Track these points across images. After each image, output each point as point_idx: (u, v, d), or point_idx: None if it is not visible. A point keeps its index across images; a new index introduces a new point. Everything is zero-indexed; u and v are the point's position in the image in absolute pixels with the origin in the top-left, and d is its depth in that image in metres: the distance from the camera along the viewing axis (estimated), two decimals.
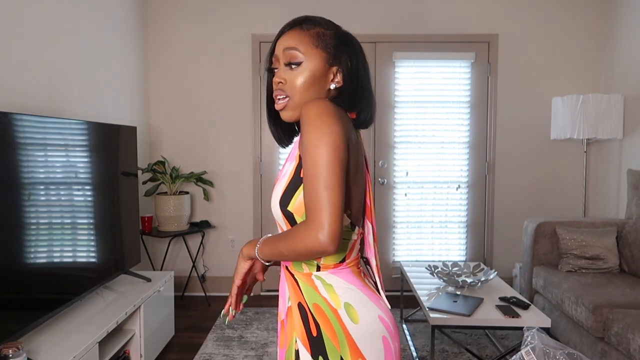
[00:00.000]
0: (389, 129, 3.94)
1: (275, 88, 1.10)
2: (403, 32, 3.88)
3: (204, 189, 3.87)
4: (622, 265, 3.03)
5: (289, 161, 1.09)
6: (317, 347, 1.03)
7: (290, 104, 1.08)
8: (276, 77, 1.09)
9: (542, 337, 1.55)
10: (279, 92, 1.09)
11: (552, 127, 3.69)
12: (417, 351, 2.89)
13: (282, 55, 1.09)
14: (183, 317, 3.47)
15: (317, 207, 0.95)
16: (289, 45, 1.08)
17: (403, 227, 4.02)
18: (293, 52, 1.07)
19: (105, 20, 3.19)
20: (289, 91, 1.08)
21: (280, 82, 1.08)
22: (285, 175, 1.07)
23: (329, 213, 0.95)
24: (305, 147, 0.98)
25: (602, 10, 3.87)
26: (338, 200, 0.96)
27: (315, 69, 1.07)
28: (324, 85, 1.09)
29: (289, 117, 1.10)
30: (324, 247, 0.95)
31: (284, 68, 1.09)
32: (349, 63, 1.09)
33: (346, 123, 1.03)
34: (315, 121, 0.98)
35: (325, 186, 0.95)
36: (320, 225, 0.94)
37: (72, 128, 2.27)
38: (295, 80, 1.07)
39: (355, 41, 1.15)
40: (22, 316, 1.91)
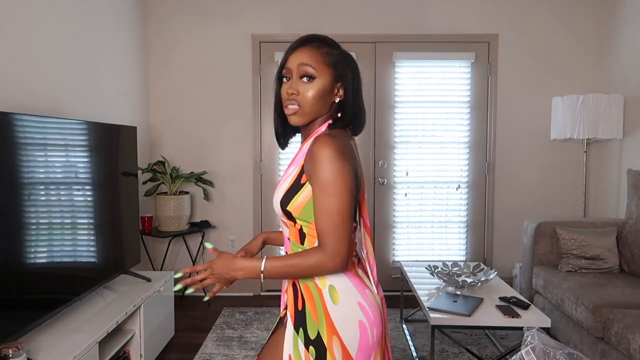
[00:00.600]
0: (389, 129, 3.94)
1: (287, 97, 1.24)
2: (403, 32, 3.88)
3: (204, 189, 3.87)
4: (622, 265, 3.03)
5: (293, 165, 1.25)
6: (299, 319, 1.22)
7: (300, 112, 1.24)
8: (290, 88, 1.24)
9: (542, 337, 1.55)
10: (292, 101, 1.24)
11: (552, 127, 3.69)
12: (417, 351, 2.89)
13: (297, 69, 1.24)
14: (183, 317, 3.47)
15: (334, 237, 1.14)
16: (304, 61, 1.23)
17: (403, 227, 4.02)
18: (307, 67, 1.22)
19: (105, 21, 3.19)
20: (301, 101, 1.23)
21: (293, 93, 1.23)
22: (288, 178, 1.24)
23: (345, 242, 1.14)
24: (321, 182, 1.15)
25: (602, 10, 3.87)
26: (349, 229, 1.16)
27: (325, 84, 1.23)
28: (329, 99, 1.26)
29: (296, 122, 1.25)
30: (340, 269, 1.16)
31: (298, 81, 1.24)
32: (351, 80, 1.26)
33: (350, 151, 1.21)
34: (330, 163, 1.14)
35: (343, 220, 1.14)
36: (338, 253, 1.14)
37: (72, 128, 2.27)
38: (307, 93, 1.22)
39: (355, 61, 1.30)
40: (22, 316, 1.91)
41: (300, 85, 1.23)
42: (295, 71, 1.24)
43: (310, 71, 1.22)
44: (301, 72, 1.23)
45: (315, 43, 1.25)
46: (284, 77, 1.27)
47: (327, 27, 3.87)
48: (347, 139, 1.25)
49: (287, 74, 1.26)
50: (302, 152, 1.25)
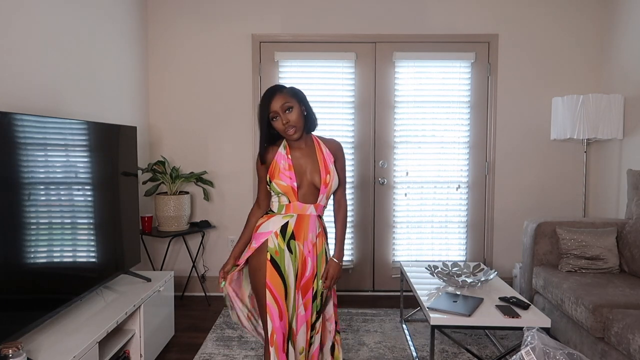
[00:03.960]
0: (389, 129, 3.94)
1: (285, 126, 1.94)
2: (403, 32, 3.88)
3: (204, 189, 3.87)
4: (622, 266, 3.03)
5: (330, 163, 2.04)
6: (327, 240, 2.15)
7: (297, 130, 1.97)
8: (284, 120, 1.94)
9: (542, 337, 1.55)
10: (290, 127, 1.94)
11: (552, 127, 3.69)
12: (417, 351, 2.89)
13: (281, 108, 1.94)
14: (183, 317, 3.47)
15: (345, 196, 2.17)
16: (282, 102, 1.94)
17: (403, 227, 4.02)
18: (287, 104, 1.94)
19: (105, 21, 3.19)
20: (293, 124, 1.95)
21: (287, 121, 1.94)
22: (334, 171, 2.04)
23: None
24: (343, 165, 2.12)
25: (602, 10, 3.87)
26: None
27: (298, 109, 1.97)
28: (302, 115, 1.99)
29: (296, 137, 1.98)
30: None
31: (284, 114, 1.94)
32: (305, 101, 2.02)
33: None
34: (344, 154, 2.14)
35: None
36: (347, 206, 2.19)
37: (72, 128, 2.27)
38: (294, 117, 1.95)
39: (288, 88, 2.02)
40: (22, 316, 1.91)
41: (287, 115, 1.94)
42: (280, 109, 1.93)
43: (289, 104, 1.94)
44: (285, 107, 1.94)
45: (280, 90, 1.96)
46: (272, 118, 1.95)
47: (327, 27, 3.87)
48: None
49: (275, 115, 1.95)
50: (325, 152, 2.05)
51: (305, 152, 2.03)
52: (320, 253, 2.05)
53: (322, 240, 2.07)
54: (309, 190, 2.01)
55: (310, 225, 2.01)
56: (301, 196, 2.00)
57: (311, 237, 2.02)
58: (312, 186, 2.01)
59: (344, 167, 2.10)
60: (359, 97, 3.92)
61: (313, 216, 2.02)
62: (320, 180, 2.00)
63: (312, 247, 2.02)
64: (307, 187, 2.01)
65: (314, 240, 2.03)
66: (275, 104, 1.93)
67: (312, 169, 2.01)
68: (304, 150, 2.04)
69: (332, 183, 2.01)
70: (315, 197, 2.01)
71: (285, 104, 1.93)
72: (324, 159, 2.03)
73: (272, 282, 1.96)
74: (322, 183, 1.99)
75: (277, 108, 1.93)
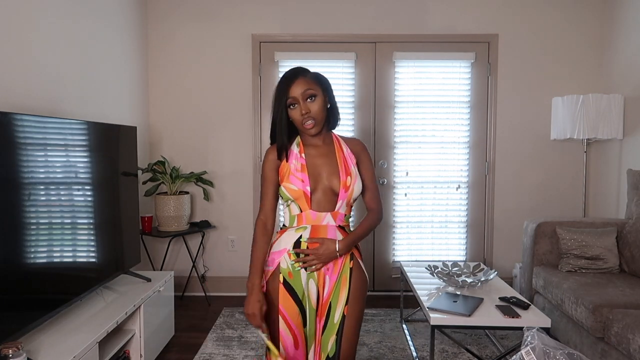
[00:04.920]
0: (389, 129, 3.94)
1: (303, 117, 1.66)
2: (403, 32, 3.88)
3: (204, 189, 3.87)
4: (622, 265, 3.03)
5: (351, 164, 1.74)
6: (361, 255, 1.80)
7: (316, 124, 1.68)
8: (302, 110, 1.66)
9: (542, 337, 1.55)
10: (308, 118, 1.67)
11: (552, 127, 3.69)
12: (417, 351, 2.89)
13: (302, 95, 1.66)
14: (183, 317, 3.47)
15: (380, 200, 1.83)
16: (305, 87, 1.66)
17: (403, 227, 4.02)
18: (309, 90, 1.66)
19: (105, 21, 3.19)
20: (313, 116, 1.67)
21: (306, 112, 1.66)
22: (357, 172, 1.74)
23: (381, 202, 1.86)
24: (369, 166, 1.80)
25: (602, 10, 3.87)
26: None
27: (322, 99, 1.69)
28: (325, 107, 1.72)
29: (315, 132, 1.70)
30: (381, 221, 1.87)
31: (304, 103, 1.66)
32: (330, 92, 1.75)
33: None
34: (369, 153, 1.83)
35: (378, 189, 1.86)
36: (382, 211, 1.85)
37: (72, 128, 2.27)
38: (315, 109, 1.67)
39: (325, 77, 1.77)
40: (22, 316, 1.91)
41: (308, 105, 1.66)
42: (300, 97, 1.65)
43: (312, 92, 1.66)
44: (306, 95, 1.66)
45: (304, 73, 1.69)
46: (290, 105, 1.67)
47: (327, 27, 3.87)
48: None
49: (293, 102, 1.67)
50: (346, 151, 1.76)
51: (322, 151, 1.74)
52: (343, 272, 1.70)
53: (346, 256, 1.72)
54: (325, 195, 1.70)
55: (329, 237, 1.69)
56: (315, 203, 1.69)
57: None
58: (330, 191, 1.70)
59: (370, 168, 1.79)
60: (359, 97, 3.92)
61: (332, 227, 1.69)
62: (339, 183, 1.69)
63: (333, 265, 1.70)
64: (323, 192, 1.70)
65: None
66: (295, 89, 1.65)
67: (329, 170, 1.71)
68: (321, 148, 1.74)
69: (354, 187, 1.70)
70: (332, 204, 1.70)
71: (308, 91, 1.65)
72: (344, 158, 1.73)
73: (286, 307, 1.68)
74: (341, 186, 1.68)
75: (298, 94, 1.65)
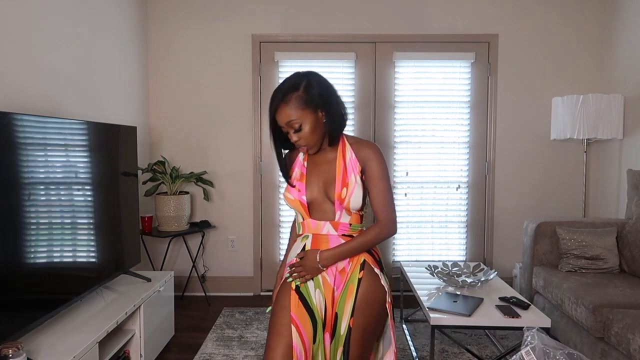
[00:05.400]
0: (389, 129, 3.94)
1: (297, 145, 1.61)
2: (403, 32, 3.88)
3: (204, 189, 3.87)
4: (622, 265, 3.03)
5: (352, 173, 1.62)
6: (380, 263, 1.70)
7: (311, 147, 1.62)
8: (293, 138, 1.59)
9: (542, 337, 1.55)
10: (300, 145, 1.61)
11: (552, 127, 3.69)
12: (417, 351, 2.89)
13: (287, 126, 1.57)
14: (183, 317, 3.47)
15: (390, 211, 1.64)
16: (286, 119, 1.55)
17: (403, 227, 4.02)
18: (292, 122, 1.55)
19: (105, 21, 3.19)
20: (305, 142, 1.59)
21: (297, 140, 1.59)
22: (356, 184, 1.61)
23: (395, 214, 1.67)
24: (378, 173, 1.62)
25: (602, 10, 3.87)
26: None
27: (312, 122, 1.57)
28: (321, 124, 1.60)
29: (314, 152, 1.65)
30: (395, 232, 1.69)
31: (292, 133, 1.58)
32: (326, 98, 1.57)
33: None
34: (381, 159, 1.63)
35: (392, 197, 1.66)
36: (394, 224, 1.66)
37: (72, 128, 2.27)
38: (304, 136, 1.58)
39: (314, 76, 1.60)
40: (22, 316, 1.91)
41: (297, 134, 1.57)
42: (286, 127, 1.57)
43: (295, 124, 1.55)
44: (290, 127, 1.57)
45: (285, 98, 1.54)
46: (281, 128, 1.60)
47: (327, 27, 3.87)
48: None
49: (283, 128, 1.59)
50: (349, 159, 1.64)
51: (325, 159, 1.67)
52: (350, 281, 1.61)
53: (354, 266, 1.64)
54: (325, 204, 1.64)
55: (331, 247, 1.63)
56: (314, 212, 1.66)
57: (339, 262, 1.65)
58: (329, 200, 1.64)
59: (377, 176, 1.62)
60: (359, 97, 3.92)
61: (333, 236, 1.64)
62: (334, 194, 1.62)
63: (340, 275, 1.63)
64: (322, 202, 1.65)
65: (340, 266, 1.64)
66: (280, 117, 1.56)
67: (328, 179, 1.64)
68: (325, 155, 1.67)
69: (351, 198, 1.60)
70: (332, 213, 1.64)
71: (292, 123, 1.55)
72: (344, 167, 1.63)
73: (298, 315, 1.57)
74: (336, 197, 1.62)
75: (283, 124, 1.57)
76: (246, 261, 4.02)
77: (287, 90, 1.55)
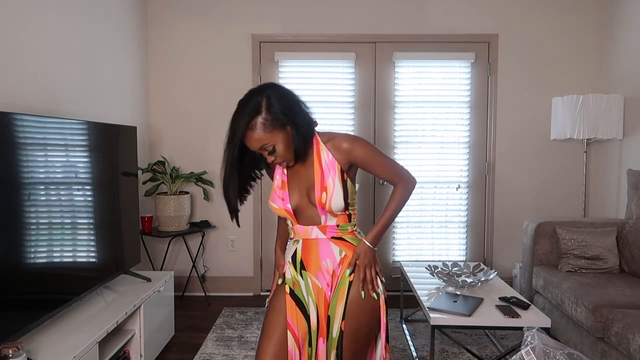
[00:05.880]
0: (389, 129, 3.94)
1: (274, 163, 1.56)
2: (403, 32, 3.88)
3: (204, 189, 3.87)
4: (622, 265, 3.03)
5: (330, 175, 1.57)
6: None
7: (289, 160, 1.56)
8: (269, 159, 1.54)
9: (542, 337, 1.55)
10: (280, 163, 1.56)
11: (552, 127, 3.69)
12: (417, 351, 2.89)
13: (260, 150, 1.51)
14: (183, 317, 3.47)
15: (402, 170, 1.65)
16: (258, 145, 1.49)
17: (403, 227, 4.02)
18: (265, 146, 1.50)
19: (105, 21, 3.19)
20: (282, 159, 1.54)
21: (273, 159, 1.54)
22: (336, 186, 1.57)
23: (405, 169, 1.66)
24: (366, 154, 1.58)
25: (602, 10, 3.87)
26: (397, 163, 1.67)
27: (283, 140, 1.51)
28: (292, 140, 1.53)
29: (293, 163, 1.59)
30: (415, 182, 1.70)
31: (268, 155, 1.53)
32: (288, 110, 1.50)
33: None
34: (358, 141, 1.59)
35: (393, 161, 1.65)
36: (410, 175, 1.67)
37: (72, 128, 2.27)
38: (280, 154, 1.52)
39: (272, 91, 1.51)
40: (22, 316, 1.91)
41: (272, 155, 1.53)
42: (259, 150, 1.52)
43: (269, 147, 1.50)
44: (264, 151, 1.52)
45: (250, 125, 1.47)
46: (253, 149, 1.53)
47: (327, 27, 3.87)
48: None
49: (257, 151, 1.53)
50: (325, 160, 1.59)
51: (303, 163, 1.62)
52: (341, 284, 1.59)
53: (344, 269, 1.62)
54: (310, 210, 1.62)
55: (321, 251, 1.62)
56: (301, 217, 1.64)
57: (326, 265, 1.62)
58: (312, 205, 1.62)
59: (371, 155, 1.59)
60: (359, 97, 3.92)
61: (322, 240, 1.62)
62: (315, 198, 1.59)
63: (331, 279, 1.62)
64: (307, 207, 1.62)
65: (330, 269, 1.62)
66: (250, 143, 1.50)
67: (308, 184, 1.61)
68: (304, 159, 1.62)
69: (331, 203, 1.56)
70: (318, 217, 1.62)
71: (265, 146, 1.50)
72: (321, 171, 1.58)
73: (293, 318, 1.57)
74: (317, 202, 1.58)
75: (255, 149, 1.51)
76: (246, 261, 4.02)
77: (249, 117, 1.47)
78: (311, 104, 1.67)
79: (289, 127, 1.51)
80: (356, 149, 1.58)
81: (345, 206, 1.60)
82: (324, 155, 1.59)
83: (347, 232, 1.64)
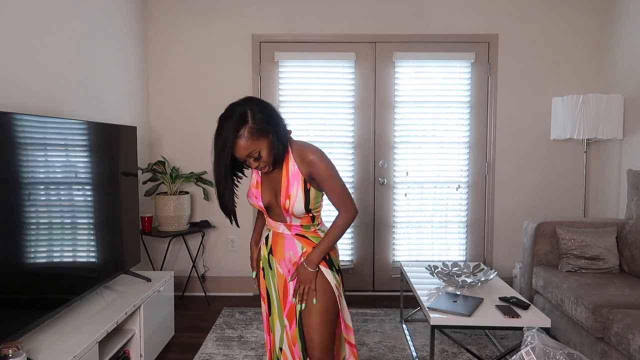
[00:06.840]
0: (389, 129, 3.94)
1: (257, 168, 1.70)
2: (403, 32, 3.88)
3: (204, 189, 3.87)
4: (622, 266, 3.03)
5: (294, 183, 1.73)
6: (329, 262, 1.82)
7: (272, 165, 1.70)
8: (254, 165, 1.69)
9: (542, 337, 1.55)
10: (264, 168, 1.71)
11: (552, 127, 3.69)
12: (417, 351, 2.89)
13: (246, 157, 1.65)
14: (183, 317, 3.47)
15: (347, 201, 1.76)
16: (246, 152, 1.63)
17: (403, 227, 4.02)
18: (250, 153, 1.64)
19: (105, 20, 3.19)
20: (265, 164, 1.69)
21: (258, 166, 1.69)
22: (298, 193, 1.73)
23: (352, 200, 1.79)
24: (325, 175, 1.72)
25: (602, 10, 3.87)
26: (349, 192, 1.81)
27: (267, 148, 1.66)
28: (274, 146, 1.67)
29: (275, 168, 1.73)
30: (355, 218, 1.79)
31: (253, 161, 1.67)
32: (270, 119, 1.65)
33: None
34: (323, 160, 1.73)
35: (346, 189, 1.78)
36: (354, 207, 1.78)
37: (72, 128, 2.27)
38: (264, 160, 1.67)
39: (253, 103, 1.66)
40: (22, 316, 1.91)
41: (257, 161, 1.67)
42: (246, 157, 1.65)
43: (255, 154, 1.65)
44: (250, 158, 1.65)
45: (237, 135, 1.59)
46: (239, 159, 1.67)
47: (327, 27, 3.87)
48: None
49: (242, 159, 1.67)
50: (292, 171, 1.73)
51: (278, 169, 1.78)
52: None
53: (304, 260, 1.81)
54: (278, 209, 1.81)
55: (286, 244, 1.83)
56: (272, 213, 1.85)
57: (289, 255, 1.84)
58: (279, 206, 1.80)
59: (328, 176, 1.73)
60: (359, 97, 3.92)
61: (288, 236, 1.83)
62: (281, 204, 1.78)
63: (293, 266, 1.84)
64: (276, 206, 1.81)
65: (293, 260, 1.84)
66: (238, 152, 1.63)
67: (277, 188, 1.78)
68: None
69: (293, 209, 1.74)
70: (284, 217, 1.82)
71: (252, 154, 1.64)
72: (287, 181, 1.74)
73: (264, 293, 1.95)
74: (281, 207, 1.77)
75: (242, 157, 1.66)
76: (246, 261, 4.01)
77: (237, 126, 1.60)
78: (311, 104, 1.75)
79: (271, 135, 1.65)
80: (318, 165, 1.72)
81: (307, 211, 1.77)
82: (291, 166, 1.74)
83: (309, 231, 1.83)
